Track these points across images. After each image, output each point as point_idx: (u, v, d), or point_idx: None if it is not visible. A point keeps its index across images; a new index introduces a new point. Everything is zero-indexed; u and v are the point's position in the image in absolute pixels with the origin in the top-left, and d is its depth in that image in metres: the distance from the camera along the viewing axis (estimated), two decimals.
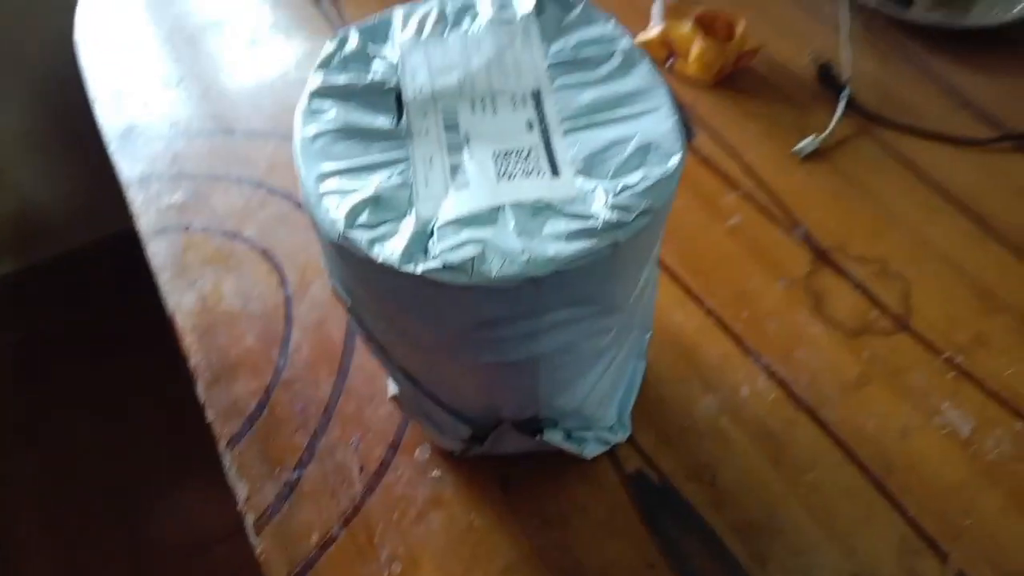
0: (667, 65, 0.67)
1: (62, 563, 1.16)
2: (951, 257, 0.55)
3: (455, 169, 0.32)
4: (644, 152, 0.32)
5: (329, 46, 0.36)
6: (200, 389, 0.51)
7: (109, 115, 0.68)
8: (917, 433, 0.47)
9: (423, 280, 0.28)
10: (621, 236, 0.29)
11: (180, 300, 0.55)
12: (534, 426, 0.41)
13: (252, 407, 0.50)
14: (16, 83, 1.16)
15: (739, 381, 0.50)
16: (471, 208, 0.30)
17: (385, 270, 0.29)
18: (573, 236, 0.29)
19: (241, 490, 0.47)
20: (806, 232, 0.57)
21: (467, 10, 0.37)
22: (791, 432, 0.48)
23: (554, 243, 0.29)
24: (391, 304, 0.32)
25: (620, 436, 0.46)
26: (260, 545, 0.45)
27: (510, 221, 0.30)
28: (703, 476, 0.46)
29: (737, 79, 0.66)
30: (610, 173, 0.31)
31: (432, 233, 0.29)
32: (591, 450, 0.44)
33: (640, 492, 0.46)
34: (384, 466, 0.47)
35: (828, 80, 0.65)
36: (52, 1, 0.93)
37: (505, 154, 0.32)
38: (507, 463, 0.46)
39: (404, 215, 0.30)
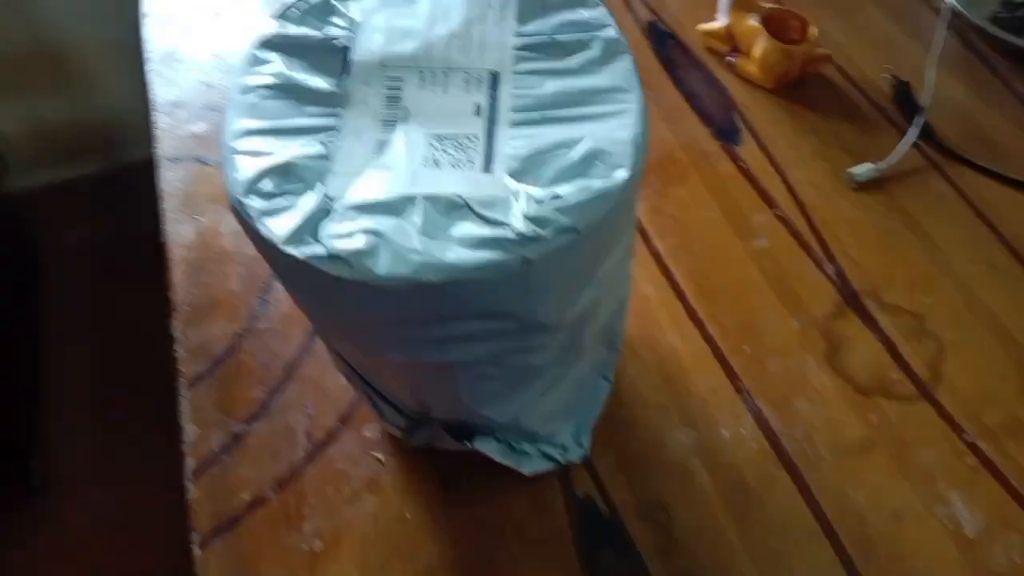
0: (728, 60, 0.61)
1: (101, 448, 1.23)
2: (1003, 324, 0.48)
3: (382, 146, 0.29)
4: (591, 160, 0.28)
5: None
6: (175, 326, 0.51)
7: (156, 35, 0.68)
8: (913, 520, 0.42)
9: (305, 266, 0.26)
10: (533, 253, 0.26)
11: (178, 231, 0.55)
12: (466, 430, 0.38)
13: (220, 351, 0.50)
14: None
15: (723, 420, 0.45)
16: (383, 194, 0.27)
17: (269, 247, 0.26)
18: (480, 244, 0.26)
19: (189, 433, 0.46)
20: (839, 269, 0.50)
21: None
22: (767, 489, 0.43)
23: (457, 248, 0.26)
24: (289, 283, 0.30)
25: (572, 457, 0.42)
26: (193, 492, 0.44)
27: (418, 216, 0.26)
28: (657, 517, 0.42)
29: (801, 87, 0.59)
30: (545, 178, 0.27)
31: (329, 215, 0.27)
32: (531, 466, 0.40)
33: (584, 521, 0.42)
34: (330, 437, 0.46)
35: (904, 102, 0.57)
36: None
37: (440, 138, 0.29)
38: (453, 460, 0.44)
39: (308, 189, 0.27)
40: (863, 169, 0.54)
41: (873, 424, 0.45)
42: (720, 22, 0.60)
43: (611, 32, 0.31)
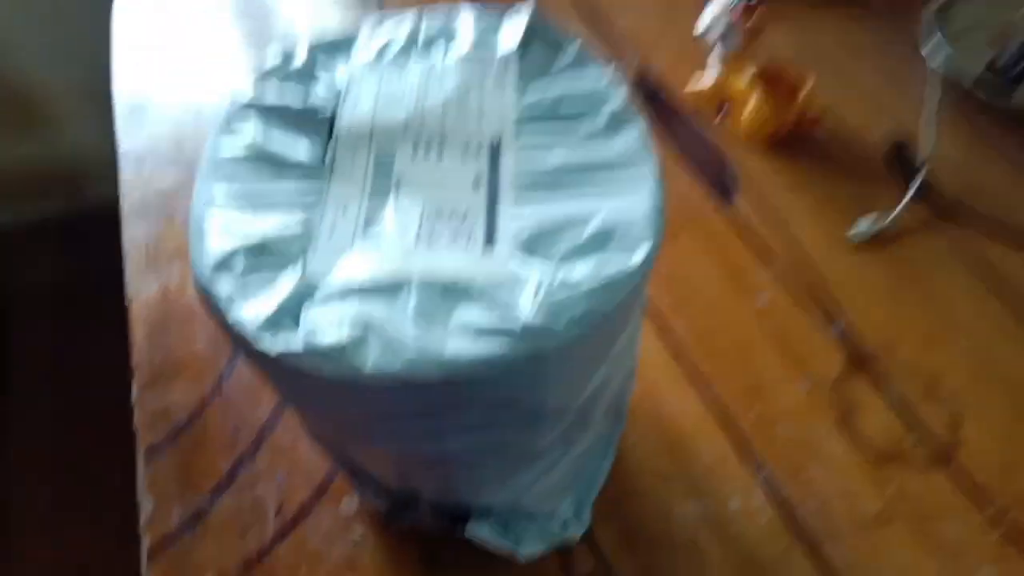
0: (718, 118, 0.59)
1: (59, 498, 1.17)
2: (1018, 382, 0.46)
3: (370, 221, 0.26)
4: (606, 238, 0.25)
5: (274, 57, 0.31)
6: (135, 389, 0.47)
7: (125, 87, 0.64)
8: None
9: (280, 361, 0.23)
10: (546, 346, 0.23)
11: (141, 288, 0.51)
12: (458, 512, 0.34)
13: (183, 418, 0.46)
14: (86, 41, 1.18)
15: (731, 491, 0.42)
16: (372, 274, 0.24)
17: (238, 337, 0.23)
18: (484, 334, 0.23)
19: (146, 508, 0.42)
20: (844, 329, 0.48)
21: (443, 36, 0.31)
22: (783, 565, 0.40)
23: (457, 339, 0.23)
24: (263, 373, 0.26)
25: (572, 532, 0.39)
26: (149, 574, 0.41)
27: (412, 300, 0.24)
28: None
29: (796, 144, 0.57)
30: (557, 258, 0.25)
31: (309, 299, 0.24)
32: (528, 549, 0.37)
33: None
34: (304, 512, 0.42)
35: (902, 159, 0.55)
36: None
37: (437, 212, 0.26)
38: (439, 537, 0.40)
39: (285, 270, 0.24)
40: (863, 226, 0.52)
41: (889, 495, 0.42)
42: (709, 78, 0.58)
43: (619, 98, 0.29)
